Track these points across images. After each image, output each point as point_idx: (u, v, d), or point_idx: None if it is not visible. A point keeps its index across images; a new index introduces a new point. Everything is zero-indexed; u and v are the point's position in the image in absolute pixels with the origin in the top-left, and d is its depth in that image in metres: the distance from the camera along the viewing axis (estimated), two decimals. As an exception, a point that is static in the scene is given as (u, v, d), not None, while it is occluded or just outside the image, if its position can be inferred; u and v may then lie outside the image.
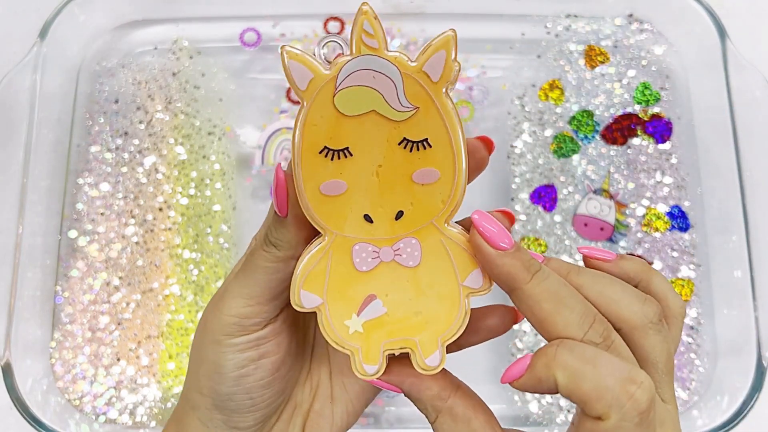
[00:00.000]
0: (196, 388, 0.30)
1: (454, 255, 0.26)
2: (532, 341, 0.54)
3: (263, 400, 0.30)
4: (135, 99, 0.59)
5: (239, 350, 0.29)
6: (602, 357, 0.25)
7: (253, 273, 0.28)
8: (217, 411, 0.30)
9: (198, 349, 0.30)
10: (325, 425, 0.32)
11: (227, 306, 0.29)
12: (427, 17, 0.61)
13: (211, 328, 0.29)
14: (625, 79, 0.59)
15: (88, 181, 0.57)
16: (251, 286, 0.28)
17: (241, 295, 0.28)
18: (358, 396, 0.33)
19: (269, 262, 0.28)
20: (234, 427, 0.30)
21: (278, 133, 0.57)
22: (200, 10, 0.61)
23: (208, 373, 0.29)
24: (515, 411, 0.53)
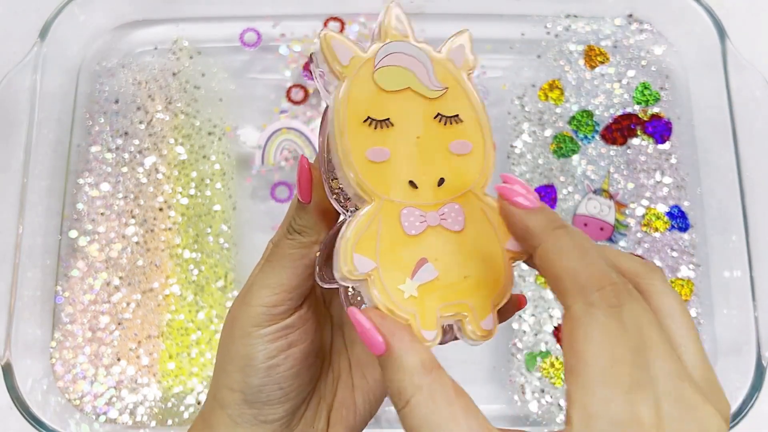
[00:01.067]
0: (225, 385, 0.30)
1: (494, 220, 0.27)
2: (531, 341, 0.54)
3: (293, 390, 0.31)
4: (135, 99, 0.59)
5: (269, 341, 0.30)
6: (593, 251, 0.24)
7: (279, 261, 0.29)
8: (247, 406, 0.30)
9: (226, 345, 0.31)
10: (350, 414, 0.33)
11: (254, 297, 0.30)
12: (426, 17, 0.61)
13: (239, 322, 0.30)
14: (624, 79, 0.59)
15: (88, 181, 0.57)
16: (277, 274, 0.29)
17: (268, 286, 0.29)
18: (379, 383, 0.33)
19: (294, 248, 0.29)
20: (264, 421, 0.31)
21: (278, 133, 0.57)
22: (200, 11, 0.62)
23: (239, 367, 0.30)
24: (515, 410, 0.53)
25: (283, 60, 0.60)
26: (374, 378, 0.33)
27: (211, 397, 0.32)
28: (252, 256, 0.56)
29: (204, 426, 0.32)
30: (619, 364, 0.21)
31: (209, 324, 0.54)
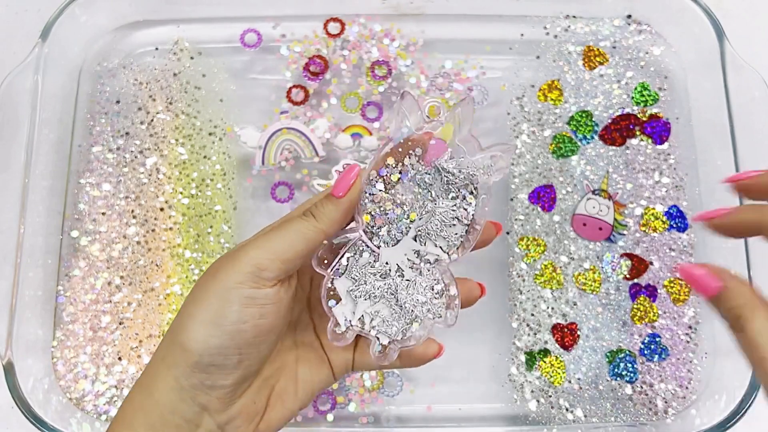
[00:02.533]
0: (181, 343, 0.31)
1: None
2: (531, 341, 0.54)
3: (248, 359, 0.32)
4: (136, 99, 0.59)
5: (245, 305, 0.31)
6: None
7: (283, 232, 0.31)
8: (198, 369, 0.31)
9: (198, 300, 0.31)
10: (288, 401, 0.35)
11: (248, 255, 0.31)
12: (426, 18, 0.62)
13: (223, 276, 0.31)
14: (623, 80, 0.59)
15: (89, 181, 0.57)
16: (276, 242, 0.31)
17: (263, 248, 0.31)
18: (321, 381, 0.36)
19: (303, 227, 0.31)
20: (211, 386, 0.31)
21: (279, 133, 0.58)
22: (201, 11, 0.62)
23: (205, 323, 0.30)
24: (515, 410, 0.53)
25: (283, 61, 0.61)
26: (318, 378, 0.36)
27: (159, 358, 0.32)
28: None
29: (142, 392, 0.31)
30: None
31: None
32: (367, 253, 0.34)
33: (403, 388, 0.53)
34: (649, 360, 0.54)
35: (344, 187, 0.32)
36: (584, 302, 0.55)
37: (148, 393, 0.31)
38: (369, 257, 0.34)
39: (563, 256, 0.56)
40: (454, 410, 0.54)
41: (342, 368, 0.37)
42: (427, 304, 0.34)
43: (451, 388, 0.54)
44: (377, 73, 0.59)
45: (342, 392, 0.53)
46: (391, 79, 0.59)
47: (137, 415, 0.31)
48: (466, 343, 0.55)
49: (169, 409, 0.31)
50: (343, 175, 0.32)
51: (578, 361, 0.54)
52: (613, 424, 0.52)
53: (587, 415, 0.53)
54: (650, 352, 0.54)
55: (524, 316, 0.55)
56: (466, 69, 0.60)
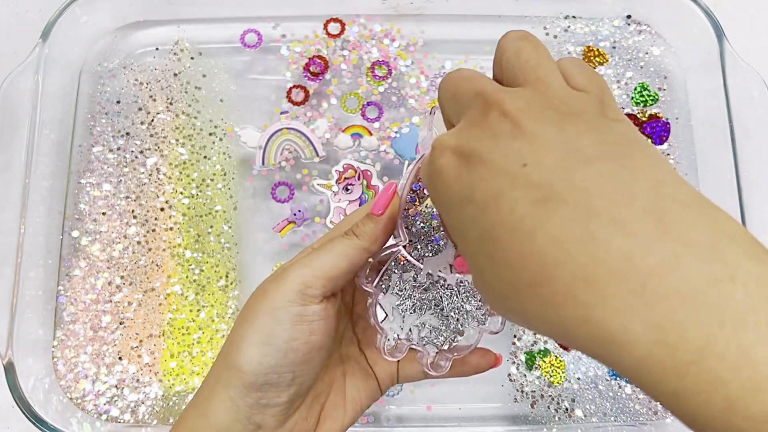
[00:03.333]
0: (235, 364, 0.31)
1: None
2: (531, 340, 0.54)
3: (301, 376, 0.32)
4: (136, 100, 0.59)
5: (294, 322, 0.31)
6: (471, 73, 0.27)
7: (326, 251, 0.32)
8: (254, 388, 0.31)
9: (248, 321, 0.32)
10: (338, 416, 0.35)
11: (294, 274, 0.32)
12: (426, 18, 0.62)
13: (271, 295, 0.31)
14: (623, 80, 0.60)
15: (90, 181, 0.57)
16: (320, 260, 0.32)
17: (308, 266, 0.32)
18: (369, 396, 0.37)
19: (345, 245, 0.32)
20: (266, 405, 0.31)
21: (279, 133, 0.58)
22: (201, 12, 0.62)
23: (257, 343, 0.31)
24: (515, 410, 0.53)
25: (283, 61, 0.61)
26: (366, 391, 0.37)
27: (213, 380, 0.32)
28: (253, 256, 0.56)
29: (196, 414, 0.32)
30: None
31: (210, 323, 0.54)
32: (410, 267, 0.35)
33: (403, 388, 0.53)
34: (648, 360, 0.54)
35: (383, 204, 0.33)
36: (584, 302, 0.55)
37: (202, 414, 0.31)
38: (411, 271, 0.35)
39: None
40: (454, 410, 0.54)
41: (388, 381, 0.38)
42: (471, 312, 0.35)
43: (451, 388, 0.54)
44: (377, 74, 0.59)
45: (342, 392, 0.53)
46: (391, 80, 0.59)
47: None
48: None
49: (224, 429, 0.31)
50: (381, 193, 0.33)
51: (578, 361, 0.54)
52: (612, 423, 0.52)
53: (587, 415, 0.53)
54: (650, 351, 0.54)
55: (524, 315, 0.55)
56: (466, 69, 0.60)
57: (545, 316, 0.20)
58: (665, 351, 0.18)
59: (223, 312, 0.55)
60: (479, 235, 0.22)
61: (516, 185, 0.21)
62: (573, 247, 0.19)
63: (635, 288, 0.18)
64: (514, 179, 0.21)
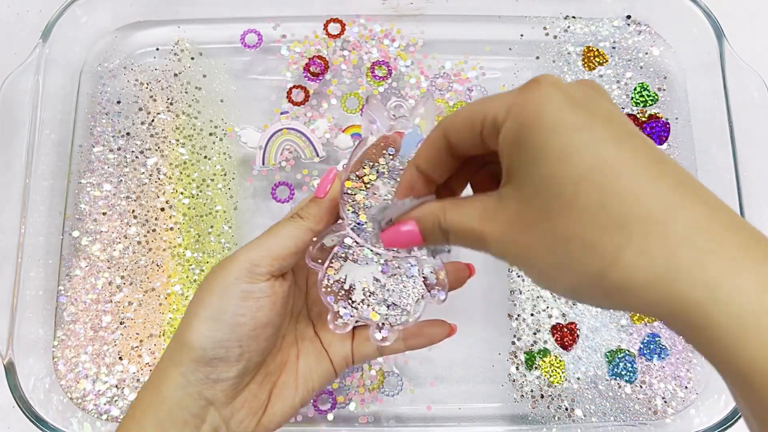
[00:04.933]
0: (186, 341, 0.33)
1: None
2: (530, 340, 0.54)
3: (249, 351, 0.34)
4: (137, 100, 0.59)
5: (241, 298, 0.33)
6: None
7: (272, 233, 0.35)
8: (203, 363, 0.33)
9: (199, 299, 0.34)
10: (289, 395, 0.37)
11: (242, 254, 0.34)
12: (426, 19, 0.62)
13: (221, 275, 0.34)
14: (623, 80, 0.60)
15: (90, 181, 0.57)
16: (266, 241, 0.34)
17: (257, 247, 0.34)
18: (321, 377, 0.38)
19: (291, 227, 0.35)
20: (216, 380, 0.33)
21: (279, 134, 0.58)
22: (201, 12, 0.62)
23: (207, 319, 0.33)
24: (515, 410, 0.54)
25: (283, 61, 0.61)
26: (318, 374, 0.38)
27: (167, 358, 0.34)
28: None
29: (151, 391, 0.33)
30: None
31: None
32: (355, 246, 0.36)
33: (403, 387, 0.53)
34: (648, 360, 0.54)
35: (324, 187, 0.35)
36: (584, 302, 0.55)
37: (157, 391, 0.33)
38: (357, 250, 0.36)
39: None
40: (454, 410, 0.54)
41: (342, 362, 0.39)
42: (408, 288, 0.37)
43: (451, 387, 0.54)
44: (377, 74, 0.59)
45: (342, 392, 0.53)
46: (391, 80, 0.59)
47: (146, 412, 0.33)
48: (466, 343, 0.55)
49: (176, 404, 0.33)
50: (323, 178, 0.36)
51: (578, 361, 0.54)
52: (612, 423, 0.52)
53: (587, 415, 0.53)
54: (649, 351, 0.54)
55: (524, 316, 0.55)
56: (466, 69, 0.60)
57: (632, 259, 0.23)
58: None
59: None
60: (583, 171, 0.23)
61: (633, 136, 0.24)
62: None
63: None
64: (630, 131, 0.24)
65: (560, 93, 0.25)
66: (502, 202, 0.26)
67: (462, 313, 0.56)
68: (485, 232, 0.26)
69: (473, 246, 0.28)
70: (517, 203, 0.25)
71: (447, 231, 0.28)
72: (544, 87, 0.25)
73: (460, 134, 0.28)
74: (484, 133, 0.27)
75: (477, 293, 0.56)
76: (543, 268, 0.25)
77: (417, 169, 0.31)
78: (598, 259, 0.23)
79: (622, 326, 0.55)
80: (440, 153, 0.30)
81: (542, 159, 0.24)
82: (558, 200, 0.24)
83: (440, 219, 0.28)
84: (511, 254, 0.26)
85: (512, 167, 0.25)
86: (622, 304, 0.24)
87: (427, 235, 0.30)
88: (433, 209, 0.29)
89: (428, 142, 0.30)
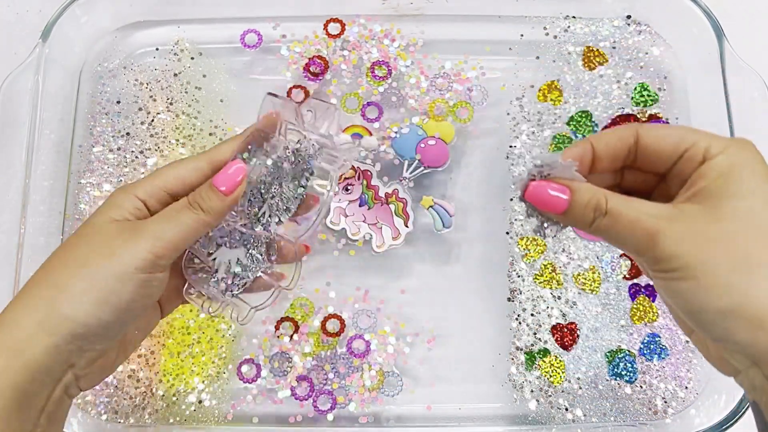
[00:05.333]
0: (66, 314, 0.32)
1: None
2: (530, 340, 0.54)
3: (127, 329, 0.35)
4: (137, 100, 0.59)
5: (139, 287, 0.33)
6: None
7: (176, 225, 0.34)
8: (79, 338, 0.33)
9: (84, 271, 0.33)
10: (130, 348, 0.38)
11: (149, 244, 0.33)
12: (426, 19, 0.62)
13: (120, 258, 0.33)
14: (623, 80, 0.60)
15: (90, 181, 0.57)
16: (172, 233, 0.34)
17: (161, 238, 0.34)
18: (151, 323, 0.39)
19: (193, 221, 0.34)
20: (87, 350, 0.33)
21: (279, 133, 0.58)
22: (201, 12, 0.62)
23: (95, 302, 0.32)
24: (514, 410, 0.54)
25: (283, 61, 0.61)
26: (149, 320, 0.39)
27: (34, 321, 0.32)
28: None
29: (8, 353, 0.32)
30: None
31: (210, 323, 0.54)
32: (218, 231, 0.39)
33: (403, 387, 0.53)
34: (648, 360, 0.54)
35: (232, 185, 0.35)
36: (584, 302, 0.55)
37: (16, 354, 0.32)
38: (219, 234, 0.39)
39: (563, 256, 0.56)
40: (454, 410, 0.54)
41: (168, 307, 0.40)
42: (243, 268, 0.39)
43: (451, 387, 0.54)
44: (377, 74, 0.59)
45: (342, 392, 0.53)
46: (391, 80, 0.59)
47: (3, 376, 0.31)
48: (466, 343, 0.55)
49: (41, 371, 0.32)
50: (231, 173, 0.35)
51: (578, 361, 0.54)
52: (612, 423, 0.52)
53: (587, 415, 0.53)
54: (650, 351, 0.54)
55: (524, 316, 0.55)
56: (466, 69, 0.60)
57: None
58: None
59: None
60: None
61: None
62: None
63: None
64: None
65: (762, 157, 0.30)
66: (684, 213, 0.29)
67: (462, 313, 0.56)
68: (660, 229, 0.29)
69: (628, 237, 0.30)
70: (705, 219, 0.29)
71: (602, 214, 0.30)
72: (752, 146, 0.30)
73: (655, 141, 0.32)
74: (680, 154, 0.31)
75: (477, 293, 0.56)
76: (713, 281, 0.28)
77: (592, 146, 0.33)
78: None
79: (622, 326, 0.54)
80: (623, 145, 0.32)
81: (750, 196, 0.29)
82: (760, 233, 0.28)
83: (601, 201, 0.30)
84: (685, 257, 0.28)
85: (711, 191, 0.29)
86: (756, 342, 0.27)
87: (575, 209, 0.31)
88: (594, 190, 0.31)
89: (617, 132, 0.33)
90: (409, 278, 0.57)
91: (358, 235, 0.56)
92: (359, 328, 0.54)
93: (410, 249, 0.57)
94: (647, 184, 0.35)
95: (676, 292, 0.29)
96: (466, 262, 0.57)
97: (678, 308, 0.30)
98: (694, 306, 0.29)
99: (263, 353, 0.54)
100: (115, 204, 0.35)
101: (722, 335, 0.28)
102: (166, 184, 0.36)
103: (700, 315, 0.28)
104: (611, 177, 0.35)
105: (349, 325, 0.54)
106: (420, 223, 0.57)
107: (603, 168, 0.34)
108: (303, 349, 0.54)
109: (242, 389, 0.54)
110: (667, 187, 0.33)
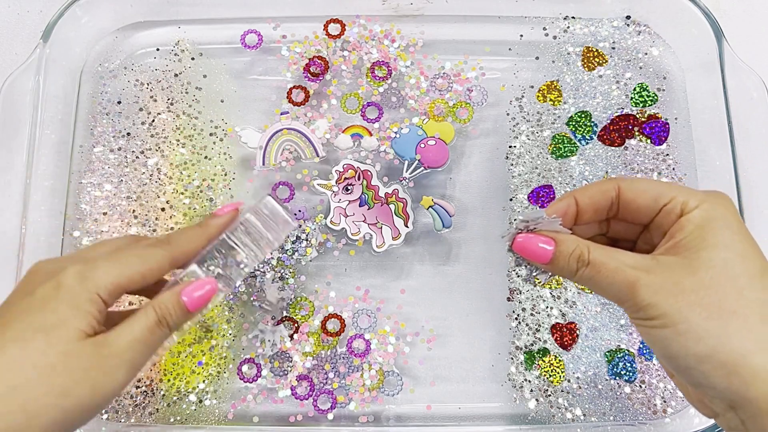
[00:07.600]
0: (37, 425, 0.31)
1: None
2: (530, 340, 0.54)
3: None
4: (137, 100, 0.60)
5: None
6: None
7: (148, 348, 0.35)
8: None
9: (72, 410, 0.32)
10: None
11: (127, 376, 0.34)
12: (426, 19, 0.62)
13: (107, 397, 0.33)
14: (622, 81, 0.60)
15: (91, 181, 0.57)
16: (144, 357, 0.35)
17: (135, 367, 0.34)
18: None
19: (160, 338, 0.35)
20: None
21: (279, 134, 0.58)
22: (202, 12, 0.62)
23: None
24: (514, 409, 0.54)
25: (284, 61, 0.61)
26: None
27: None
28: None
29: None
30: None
31: (210, 323, 0.55)
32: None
33: (403, 387, 0.53)
34: (648, 359, 0.54)
35: (198, 305, 0.36)
36: (583, 302, 0.55)
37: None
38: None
39: (562, 256, 0.56)
40: (453, 409, 0.54)
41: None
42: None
43: (451, 387, 0.55)
44: (377, 74, 0.60)
45: (342, 391, 0.53)
46: (391, 80, 0.60)
47: None
48: (466, 343, 0.55)
49: None
50: (203, 294, 0.36)
51: (577, 361, 0.54)
52: (612, 423, 0.53)
53: (586, 415, 0.53)
54: (649, 351, 0.54)
55: (524, 315, 0.55)
56: (466, 70, 0.60)
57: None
58: None
59: (224, 312, 0.55)
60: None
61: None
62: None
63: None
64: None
65: (736, 211, 0.32)
66: (661, 264, 0.31)
67: (462, 313, 0.56)
68: (640, 279, 0.31)
69: (609, 286, 0.32)
70: (682, 270, 0.30)
71: (585, 264, 0.32)
72: (728, 199, 0.32)
73: (636, 195, 0.34)
74: (660, 208, 0.33)
75: (477, 293, 0.56)
76: (689, 328, 0.29)
77: (575, 200, 0.35)
78: (752, 342, 0.28)
79: (622, 326, 0.55)
80: (605, 198, 0.35)
81: (723, 248, 0.30)
82: (733, 282, 0.30)
83: (583, 252, 0.33)
84: (662, 306, 0.30)
85: (687, 244, 0.31)
86: (730, 386, 0.29)
87: (559, 259, 0.34)
88: (577, 241, 0.33)
89: (599, 185, 0.35)
90: (409, 278, 0.57)
91: (358, 235, 0.56)
92: (359, 328, 0.55)
93: (410, 249, 0.57)
94: (632, 233, 0.37)
95: (655, 338, 0.30)
96: (465, 262, 0.57)
97: (658, 354, 0.31)
98: (672, 352, 0.30)
99: (263, 353, 0.54)
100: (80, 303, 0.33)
101: (699, 380, 0.30)
102: (129, 282, 0.35)
103: (678, 360, 0.30)
104: (598, 227, 0.37)
105: (349, 324, 0.55)
106: (420, 223, 0.57)
107: (587, 220, 0.36)
108: (303, 348, 0.54)
109: (243, 389, 0.54)
110: (650, 235, 0.35)
